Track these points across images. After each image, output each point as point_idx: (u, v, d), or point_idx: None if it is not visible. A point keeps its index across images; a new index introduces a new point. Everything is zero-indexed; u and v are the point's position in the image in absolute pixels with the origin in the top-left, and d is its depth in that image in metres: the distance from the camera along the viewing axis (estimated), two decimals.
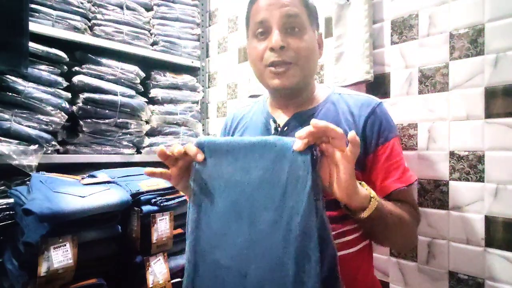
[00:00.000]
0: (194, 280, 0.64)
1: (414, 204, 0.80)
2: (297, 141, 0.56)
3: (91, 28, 1.42)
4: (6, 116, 1.14)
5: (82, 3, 1.37)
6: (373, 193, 0.63)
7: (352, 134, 0.54)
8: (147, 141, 1.54)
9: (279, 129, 0.82)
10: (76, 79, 1.32)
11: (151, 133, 1.57)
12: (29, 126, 1.18)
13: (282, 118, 0.84)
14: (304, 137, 0.55)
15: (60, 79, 1.28)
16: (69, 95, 1.31)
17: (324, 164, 0.58)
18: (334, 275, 0.57)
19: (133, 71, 1.48)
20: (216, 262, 0.61)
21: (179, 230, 1.19)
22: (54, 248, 0.87)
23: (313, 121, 0.54)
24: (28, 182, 1.07)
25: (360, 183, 0.63)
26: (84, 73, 1.36)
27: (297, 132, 0.55)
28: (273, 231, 0.57)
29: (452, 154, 0.95)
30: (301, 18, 0.77)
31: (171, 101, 1.63)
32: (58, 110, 1.25)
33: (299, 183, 0.55)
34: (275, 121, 0.84)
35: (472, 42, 0.91)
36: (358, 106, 0.79)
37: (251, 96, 1.43)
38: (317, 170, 0.56)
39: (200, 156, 0.63)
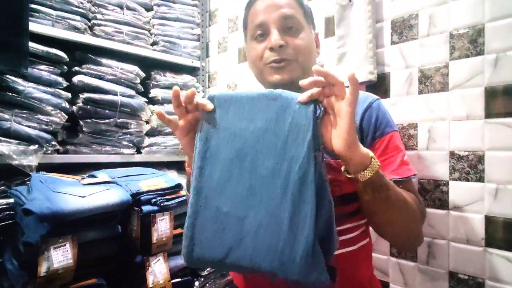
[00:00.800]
0: (194, 223, 0.65)
1: (417, 196, 0.77)
2: (302, 94, 0.59)
3: (91, 28, 1.42)
4: (6, 116, 1.14)
5: (82, 3, 1.37)
6: (372, 153, 0.62)
7: (351, 74, 0.56)
8: (147, 141, 1.54)
9: None
10: (76, 79, 1.32)
11: (151, 133, 1.57)
12: (29, 126, 1.18)
13: None
14: (307, 85, 0.58)
15: (60, 79, 1.28)
16: (69, 95, 1.31)
17: (326, 120, 0.61)
18: (330, 224, 0.59)
19: (133, 71, 1.48)
20: (217, 207, 0.63)
21: (179, 230, 1.19)
22: (54, 248, 0.87)
23: (315, 66, 0.58)
24: (28, 182, 1.07)
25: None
26: (84, 73, 1.35)
27: (301, 80, 0.58)
28: (273, 178, 0.60)
29: (452, 154, 0.95)
30: (297, 18, 0.79)
31: (171, 101, 1.63)
32: (58, 110, 1.25)
33: (300, 133, 0.59)
34: None
35: (472, 42, 0.91)
36: None
37: None
38: (319, 123, 0.60)
39: (210, 106, 0.64)
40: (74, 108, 1.32)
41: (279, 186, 0.59)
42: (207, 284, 1.29)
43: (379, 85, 1.09)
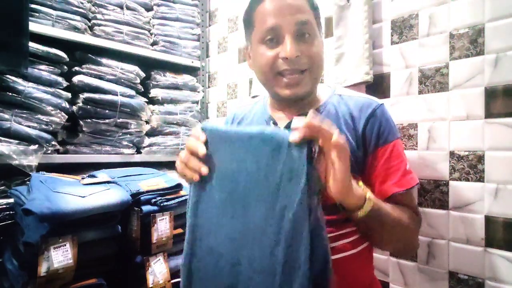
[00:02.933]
0: (191, 260, 0.65)
1: (415, 208, 0.79)
2: (294, 132, 0.55)
3: (91, 28, 1.42)
4: (6, 116, 1.14)
5: (82, 3, 1.37)
6: (369, 194, 0.62)
7: (335, 139, 0.54)
8: (147, 141, 1.54)
9: None
10: (76, 79, 1.32)
11: (151, 133, 1.57)
12: (29, 126, 1.18)
13: (282, 120, 0.83)
14: (301, 130, 0.54)
15: (60, 79, 1.28)
16: (69, 95, 1.31)
17: (322, 159, 0.57)
18: (326, 271, 0.57)
19: (133, 71, 1.48)
20: (210, 247, 0.63)
21: (179, 230, 1.19)
22: (54, 248, 0.87)
23: (310, 115, 0.54)
24: (28, 182, 1.07)
25: (357, 183, 0.63)
26: (84, 73, 1.35)
27: (293, 122, 0.55)
28: (265, 223, 0.57)
29: (452, 154, 0.95)
30: (311, 23, 0.75)
31: (171, 101, 1.63)
32: (58, 110, 1.25)
33: (294, 177, 0.55)
34: (275, 123, 0.83)
35: (472, 42, 0.91)
36: (358, 108, 0.78)
37: (254, 97, 1.43)
38: (315, 164, 0.56)
39: (202, 137, 0.63)
40: (74, 108, 1.32)
41: (273, 232, 0.56)
42: None
43: (379, 85, 1.09)
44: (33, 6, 1.24)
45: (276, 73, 0.76)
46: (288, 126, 0.81)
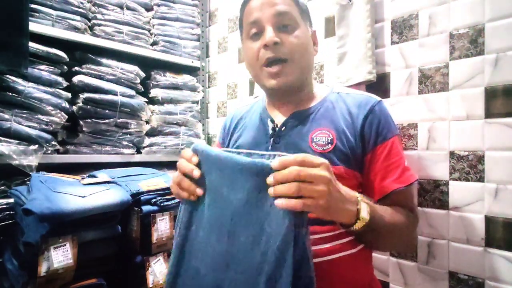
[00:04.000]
0: (175, 281, 0.65)
1: (412, 207, 0.79)
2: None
3: (91, 28, 1.42)
4: (6, 116, 1.14)
5: (82, 3, 1.37)
6: (362, 214, 0.62)
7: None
8: (147, 141, 1.54)
9: (276, 129, 0.82)
10: (76, 79, 1.32)
11: (151, 133, 1.57)
12: (29, 126, 1.18)
13: (280, 117, 0.84)
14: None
15: (60, 79, 1.28)
16: (69, 95, 1.31)
17: None
18: None
19: (133, 71, 1.48)
20: (196, 269, 0.63)
21: None
22: (54, 248, 0.87)
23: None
24: (28, 182, 1.07)
25: (357, 197, 0.64)
26: (84, 73, 1.36)
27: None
28: (250, 251, 0.58)
29: (452, 154, 0.95)
30: (292, 15, 0.78)
31: (171, 101, 1.63)
32: (58, 110, 1.25)
33: (282, 211, 0.55)
34: (272, 121, 0.84)
35: (472, 42, 0.91)
36: (357, 105, 0.79)
37: (256, 98, 1.42)
38: None
39: (194, 159, 0.64)
40: (74, 108, 1.32)
41: (256, 261, 0.56)
42: None
43: (379, 85, 1.09)
44: (33, 6, 1.24)
45: (262, 64, 0.78)
46: (284, 124, 0.81)
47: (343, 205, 0.60)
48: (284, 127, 0.81)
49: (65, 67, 1.31)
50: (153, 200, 1.10)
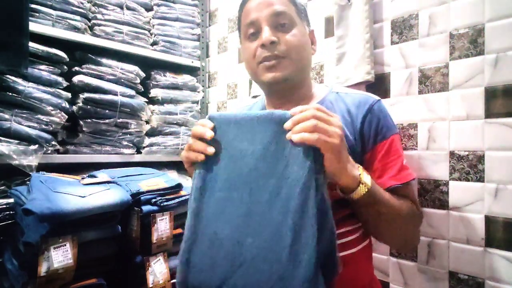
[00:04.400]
0: (191, 248, 0.63)
1: (414, 201, 0.79)
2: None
3: (91, 28, 1.42)
4: (6, 116, 1.14)
5: (82, 3, 1.37)
6: (364, 179, 0.64)
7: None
8: (147, 141, 1.54)
9: None
10: (76, 79, 1.32)
11: (151, 133, 1.57)
12: (29, 126, 1.18)
13: None
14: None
15: (60, 79, 1.28)
16: (69, 95, 1.31)
17: None
18: (332, 250, 0.58)
19: (133, 71, 1.48)
20: (214, 232, 0.62)
21: (179, 230, 1.19)
22: (54, 248, 0.87)
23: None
24: (28, 182, 1.07)
25: (359, 166, 0.65)
26: (84, 73, 1.35)
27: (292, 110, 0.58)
28: (273, 202, 0.58)
29: (452, 154, 0.95)
30: (289, 14, 0.78)
31: (171, 101, 1.63)
32: (58, 110, 1.25)
33: (301, 156, 0.57)
34: None
35: (472, 42, 0.91)
36: (356, 104, 0.79)
37: (254, 97, 1.43)
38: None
39: (210, 124, 0.65)
40: (74, 108, 1.32)
41: (279, 211, 0.57)
42: None
43: (379, 85, 1.09)
44: (33, 6, 1.24)
45: (259, 63, 0.79)
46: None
47: (348, 163, 0.61)
48: None
49: (65, 67, 1.31)
50: (153, 200, 1.10)
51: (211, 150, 0.64)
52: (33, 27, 1.20)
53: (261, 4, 0.78)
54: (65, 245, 0.89)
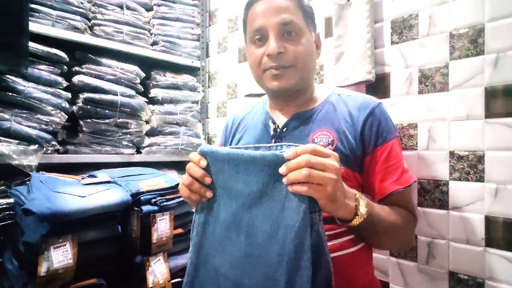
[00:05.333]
0: (193, 281, 0.65)
1: (411, 207, 0.80)
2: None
3: (91, 28, 1.42)
4: (6, 116, 1.14)
5: (82, 3, 1.37)
6: (360, 210, 0.63)
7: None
8: (147, 141, 1.54)
9: (278, 130, 0.83)
10: (76, 79, 1.32)
11: (151, 133, 1.57)
12: (29, 126, 1.18)
13: (281, 119, 0.85)
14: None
15: (60, 79, 1.28)
16: (69, 95, 1.31)
17: None
18: (328, 282, 0.58)
19: (133, 71, 1.48)
20: (215, 268, 0.63)
21: (179, 230, 1.19)
22: (54, 248, 0.87)
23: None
24: (28, 182, 1.07)
25: (356, 194, 0.64)
26: (84, 73, 1.35)
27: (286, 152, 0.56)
28: (269, 244, 0.58)
29: (452, 154, 0.95)
30: (297, 23, 0.78)
31: (171, 101, 1.63)
32: (58, 110, 1.25)
33: (296, 200, 0.56)
34: (274, 122, 0.84)
35: (472, 42, 0.91)
36: (357, 107, 0.79)
37: (247, 96, 1.43)
38: None
39: (203, 163, 0.64)
40: (74, 108, 1.32)
41: (275, 253, 0.57)
42: None
43: (379, 85, 1.09)
44: (33, 6, 1.24)
45: (264, 70, 0.79)
46: (286, 125, 0.82)
47: (344, 199, 0.61)
48: (285, 128, 0.82)
49: (65, 67, 1.31)
50: (153, 200, 1.10)
51: (210, 194, 0.65)
52: (33, 27, 1.19)
53: (269, 10, 0.77)
54: (65, 245, 0.89)
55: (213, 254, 0.64)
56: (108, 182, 1.09)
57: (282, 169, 0.56)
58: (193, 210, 0.71)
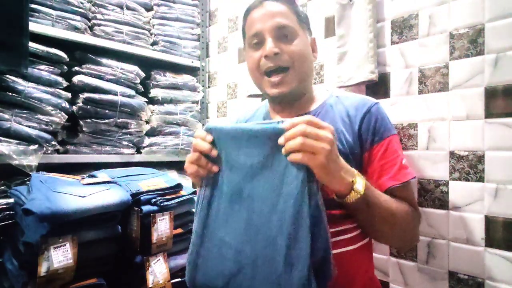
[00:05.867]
0: (199, 250, 0.68)
1: (412, 201, 0.80)
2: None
3: (91, 28, 1.42)
4: (6, 116, 1.14)
5: (82, 3, 1.37)
6: (356, 186, 0.64)
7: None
8: (147, 141, 1.54)
9: None
10: (76, 79, 1.32)
11: (151, 133, 1.57)
12: (29, 126, 1.18)
13: None
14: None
15: (60, 79, 1.28)
16: (69, 95, 1.31)
17: None
18: (326, 256, 0.60)
19: (133, 71, 1.48)
20: (220, 238, 0.66)
21: (179, 230, 1.19)
22: (54, 248, 0.87)
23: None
24: (28, 182, 1.07)
25: (355, 172, 0.66)
26: (84, 73, 1.35)
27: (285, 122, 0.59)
28: (270, 213, 0.61)
29: (452, 154, 0.95)
30: (291, 26, 0.81)
31: (171, 101, 1.63)
32: (58, 110, 1.25)
33: (295, 169, 0.60)
34: None
35: (472, 42, 0.91)
36: (354, 106, 0.81)
37: (249, 96, 1.43)
38: None
39: (209, 137, 0.67)
40: (74, 108, 1.32)
41: (275, 221, 0.60)
42: None
43: (379, 85, 1.09)
44: (33, 6, 1.24)
45: (262, 73, 0.82)
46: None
47: (340, 171, 0.62)
48: None
49: (65, 67, 1.31)
50: (153, 200, 1.10)
51: (216, 169, 0.68)
52: (33, 27, 1.19)
53: (265, 15, 0.81)
54: (65, 245, 0.89)
55: (218, 225, 0.67)
56: (108, 182, 1.09)
57: (281, 140, 0.59)
58: (195, 206, 0.73)
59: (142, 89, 1.53)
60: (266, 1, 0.82)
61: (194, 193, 1.21)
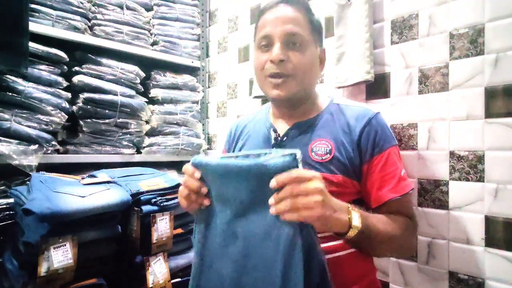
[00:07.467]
0: (199, 284, 0.70)
1: (411, 214, 0.80)
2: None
3: (91, 28, 1.42)
4: (6, 116, 1.14)
5: (82, 3, 1.37)
6: (354, 223, 0.64)
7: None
8: (147, 141, 1.54)
9: (278, 138, 0.85)
10: (76, 79, 1.32)
11: (151, 133, 1.57)
12: (29, 126, 1.18)
13: (282, 127, 0.87)
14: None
15: (60, 79, 1.28)
16: (69, 95, 1.31)
17: None
18: (325, 281, 0.61)
19: (133, 71, 1.48)
20: (217, 271, 0.67)
21: (179, 230, 1.19)
22: (54, 248, 0.87)
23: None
24: (28, 182, 1.07)
25: (348, 207, 0.66)
26: (84, 73, 1.35)
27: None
28: (263, 245, 0.61)
29: (452, 154, 0.95)
30: (302, 35, 0.80)
31: (171, 101, 1.63)
32: (58, 110, 1.25)
33: None
34: (275, 131, 0.87)
35: (472, 42, 0.91)
36: (354, 117, 0.81)
37: (256, 97, 1.43)
38: None
39: (197, 174, 0.67)
40: (74, 108, 1.32)
41: (270, 252, 0.60)
42: None
43: (379, 85, 1.09)
44: (33, 6, 1.24)
45: (266, 76, 0.81)
46: (286, 134, 0.85)
47: (336, 214, 0.62)
48: (285, 137, 0.84)
49: (65, 67, 1.31)
50: (153, 200, 1.10)
51: (207, 202, 0.68)
52: (33, 27, 1.19)
53: (278, 19, 0.80)
54: (65, 245, 0.89)
55: (214, 259, 0.68)
56: (108, 182, 1.10)
57: (271, 201, 0.59)
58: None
59: (142, 89, 1.53)
60: (282, 4, 0.81)
61: None
